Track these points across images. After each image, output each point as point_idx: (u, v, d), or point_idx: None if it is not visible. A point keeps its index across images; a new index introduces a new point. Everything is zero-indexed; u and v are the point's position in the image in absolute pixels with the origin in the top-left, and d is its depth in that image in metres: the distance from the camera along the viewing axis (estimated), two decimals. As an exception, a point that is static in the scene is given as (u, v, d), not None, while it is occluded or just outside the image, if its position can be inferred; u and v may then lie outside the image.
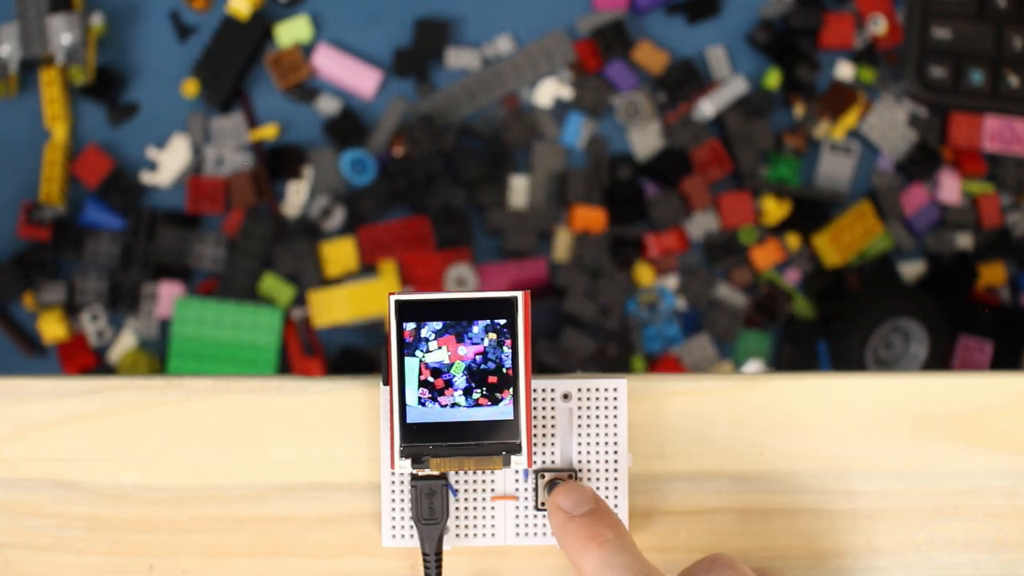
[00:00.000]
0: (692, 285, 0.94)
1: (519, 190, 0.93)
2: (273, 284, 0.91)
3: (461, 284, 0.91)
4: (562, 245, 0.94)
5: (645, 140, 0.95)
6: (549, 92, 0.94)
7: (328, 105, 0.93)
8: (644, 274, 0.94)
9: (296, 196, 0.92)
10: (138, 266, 0.91)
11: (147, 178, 0.92)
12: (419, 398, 0.46)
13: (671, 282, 0.95)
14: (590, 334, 0.94)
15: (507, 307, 0.46)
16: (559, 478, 0.49)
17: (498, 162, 0.93)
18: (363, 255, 0.92)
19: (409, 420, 0.46)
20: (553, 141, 0.94)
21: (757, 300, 0.95)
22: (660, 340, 0.94)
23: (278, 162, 0.92)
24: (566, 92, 0.94)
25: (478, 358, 0.46)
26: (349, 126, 0.93)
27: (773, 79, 0.95)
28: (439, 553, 0.48)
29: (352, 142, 0.93)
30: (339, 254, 0.91)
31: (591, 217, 0.93)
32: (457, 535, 0.49)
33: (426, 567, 0.48)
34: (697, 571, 0.46)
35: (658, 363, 0.94)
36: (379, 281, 0.92)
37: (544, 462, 0.49)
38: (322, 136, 0.94)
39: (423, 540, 0.48)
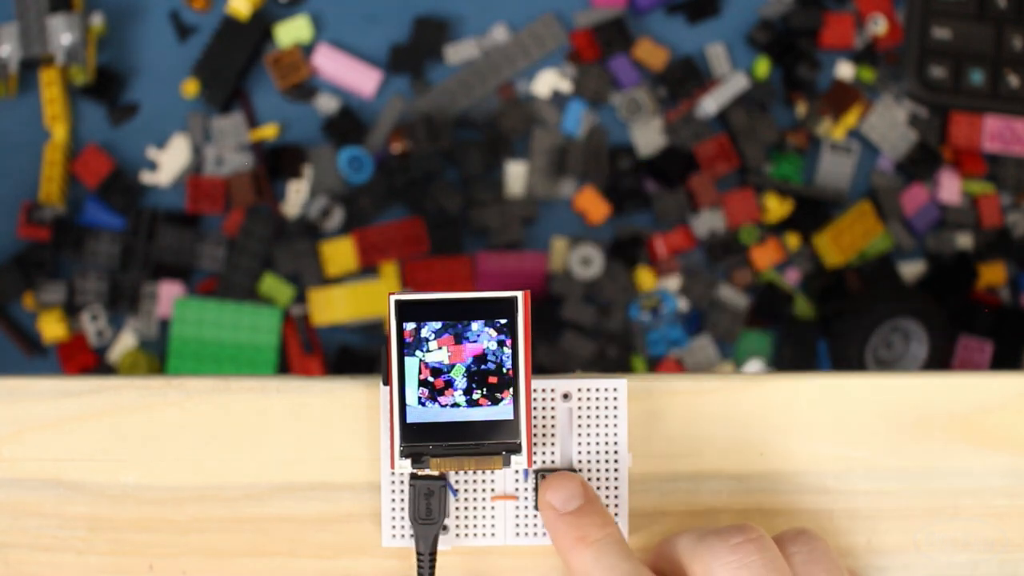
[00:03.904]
0: (694, 286, 0.94)
1: (516, 176, 0.93)
2: (273, 284, 0.91)
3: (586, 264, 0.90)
4: (559, 252, 0.94)
5: (647, 137, 0.95)
6: (548, 83, 0.94)
7: (327, 104, 0.93)
8: (645, 279, 0.94)
9: (296, 196, 0.92)
10: (138, 266, 0.91)
11: (147, 178, 0.92)
12: (419, 398, 0.46)
13: (673, 283, 0.95)
14: (590, 336, 0.94)
15: (507, 307, 0.46)
16: (559, 478, 0.49)
17: (496, 148, 0.93)
18: (359, 257, 0.92)
19: (409, 420, 0.46)
20: (553, 128, 0.94)
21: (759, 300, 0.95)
22: (664, 344, 0.94)
23: (278, 162, 0.92)
24: (565, 85, 0.94)
25: (478, 358, 0.46)
26: (348, 124, 0.93)
27: (763, 68, 0.95)
28: (433, 553, 0.48)
29: (351, 140, 0.93)
30: (339, 254, 0.91)
31: (593, 201, 0.93)
32: (457, 535, 0.49)
33: (419, 567, 0.48)
34: (784, 540, 0.47)
35: (659, 366, 0.94)
36: (379, 281, 0.92)
37: (544, 462, 0.50)
38: (321, 135, 0.94)
39: (418, 540, 0.48)
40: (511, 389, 0.46)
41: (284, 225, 0.92)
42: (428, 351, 0.46)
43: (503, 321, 0.46)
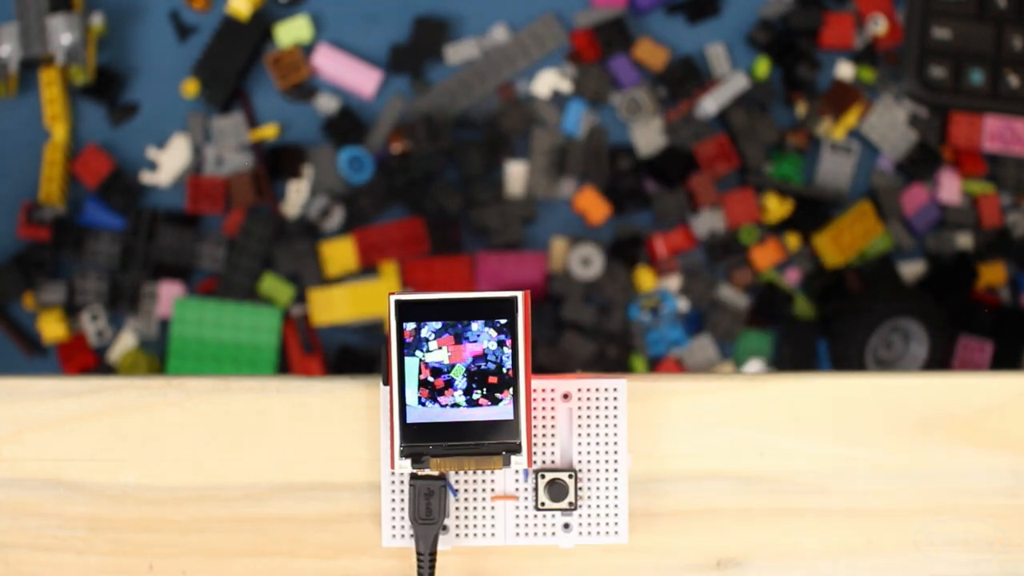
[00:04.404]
0: (694, 286, 0.94)
1: (516, 176, 0.93)
2: (273, 284, 0.91)
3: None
4: (559, 252, 0.94)
5: (647, 137, 0.95)
6: (548, 83, 0.94)
7: (327, 104, 0.93)
8: (645, 279, 0.94)
9: (296, 196, 0.92)
10: (138, 266, 0.91)
11: (147, 178, 0.92)
12: (419, 398, 0.46)
13: (673, 283, 0.95)
14: (590, 336, 0.94)
15: (507, 307, 0.46)
16: (559, 478, 0.49)
17: (496, 148, 0.93)
18: (359, 257, 0.92)
19: (409, 420, 0.46)
20: (553, 128, 0.94)
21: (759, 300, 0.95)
22: (664, 344, 0.94)
23: (278, 162, 0.92)
24: (565, 85, 0.94)
25: (478, 358, 0.46)
26: (348, 124, 0.93)
27: (763, 68, 0.95)
28: (433, 553, 0.48)
29: (351, 140, 0.93)
30: (339, 254, 0.91)
31: (593, 201, 0.93)
32: (457, 535, 0.49)
33: (419, 567, 0.48)
34: None
35: (659, 366, 0.94)
36: (379, 281, 0.92)
37: (544, 462, 0.50)
38: (321, 135, 0.94)
39: (418, 539, 0.48)
40: (511, 389, 0.46)
41: (284, 225, 0.92)
42: (428, 351, 0.46)
43: (503, 321, 0.46)
